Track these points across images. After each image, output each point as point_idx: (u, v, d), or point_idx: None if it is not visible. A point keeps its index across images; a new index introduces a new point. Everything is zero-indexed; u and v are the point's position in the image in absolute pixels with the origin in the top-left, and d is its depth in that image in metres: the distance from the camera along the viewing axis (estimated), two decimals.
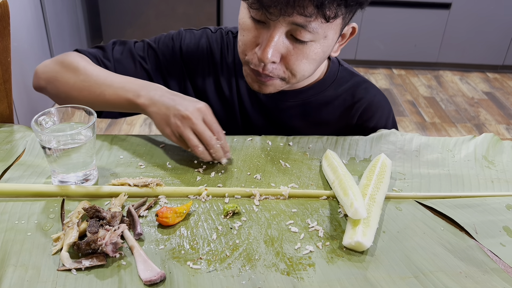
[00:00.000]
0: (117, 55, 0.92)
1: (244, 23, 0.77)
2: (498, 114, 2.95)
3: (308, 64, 0.78)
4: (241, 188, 0.72)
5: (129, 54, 0.93)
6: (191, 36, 0.96)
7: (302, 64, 0.77)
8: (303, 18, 0.70)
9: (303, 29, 0.71)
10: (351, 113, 0.95)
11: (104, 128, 2.56)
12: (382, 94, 0.98)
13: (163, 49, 0.94)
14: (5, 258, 0.56)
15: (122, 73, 0.86)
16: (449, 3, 3.22)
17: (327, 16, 0.70)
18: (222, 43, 0.96)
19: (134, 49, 0.93)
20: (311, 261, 0.59)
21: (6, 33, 0.84)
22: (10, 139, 0.82)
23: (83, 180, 0.70)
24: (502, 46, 3.41)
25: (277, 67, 0.77)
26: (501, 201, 0.72)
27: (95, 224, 0.59)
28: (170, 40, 0.95)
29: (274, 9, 0.70)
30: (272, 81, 0.80)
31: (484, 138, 0.87)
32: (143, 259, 0.57)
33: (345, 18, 0.75)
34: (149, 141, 0.84)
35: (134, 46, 0.94)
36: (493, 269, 0.59)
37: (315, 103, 0.95)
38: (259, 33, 0.76)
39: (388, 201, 0.71)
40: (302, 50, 0.75)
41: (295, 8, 0.69)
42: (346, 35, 0.82)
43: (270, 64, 0.76)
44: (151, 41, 0.95)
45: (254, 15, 0.74)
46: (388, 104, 0.98)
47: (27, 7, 2.36)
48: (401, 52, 3.45)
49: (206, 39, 0.96)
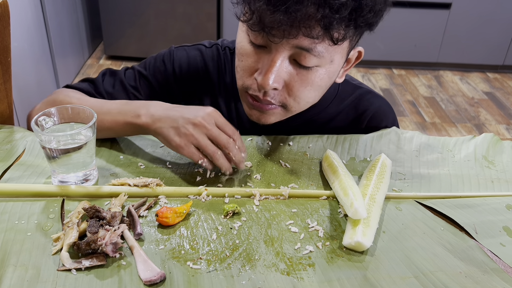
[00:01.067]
0: (109, 88, 0.89)
1: (242, 48, 0.72)
2: (498, 114, 2.95)
3: (312, 91, 0.73)
4: (241, 188, 0.72)
5: (120, 86, 0.89)
6: (184, 55, 0.91)
7: (306, 91, 0.72)
8: (308, 40, 0.65)
9: (308, 53, 0.66)
10: (357, 127, 0.92)
11: None
12: (386, 103, 0.95)
13: (155, 74, 0.90)
14: (5, 258, 0.56)
15: None
16: (449, 3, 3.22)
17: (335, 38, 0.65)
18: (219, 61, 0.91)
19: (125, 79, 0.90)
20: (311, 261, 0.59)
21: (6, 33, 0.84)
22: (10, 139, 0.82)
23: (83, 180, 0.70)
24: (502, 46, 3.41)
25: (279, 94, 0.72)
26: (501, 201, 0.72)
27: (95, 224, 0.59)
28: (161, 63, 0.91)
29: (277, 31, 0.64)
30: (273, 110, 0.75)
31: (484, 138, 0.87)
32: (143, 259, 0.57)
33: (352, 41, 0.71)
34: (149, 141, 0.84)
35: (125, 76, 0.90)
36: (493, 269, 0.59)
37: (319, 122, 0.91)
38: (259, 58, 0.70)
39: (388, 201, 0.71)
40: (306, 76, 0.70)
41: (300, 29, 0.63)
42: (351, 60, 0.78)
43: (272, 91, 0.72)
44: (141, 67, 0.91)
45: (254, 40, 0.69)
46: (393, 112, 0.95)
47: (27, 7, 2.36)
48: (401, 52, 3.44)
49: (200, 56, 0.91)
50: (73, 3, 3.05)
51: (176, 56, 0.91)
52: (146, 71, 0.91)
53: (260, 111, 0.76)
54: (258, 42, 0.69)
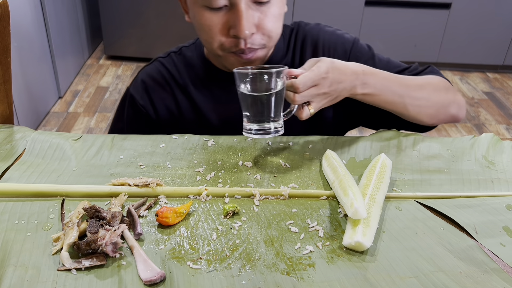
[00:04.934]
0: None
1: (206, 20, 0.80)
2: (498, 114, 2.95)
3: (278, 21, 0.83)
4: (241, 188, 0.72)
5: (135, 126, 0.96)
6: (143, 84, 0.95)
7: (274, 23, 0.81)
8: None
9: None
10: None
11: (104, 128, 2.57)
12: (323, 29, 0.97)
13: (137, 124, 0.95)
14: (5, 258, 0.56)
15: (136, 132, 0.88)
16: (449, 3, 3.22)
17: None
18: (179, 65, 0.96)
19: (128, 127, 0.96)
20: (311, 261, 0.59)
21: (6, 33, 0.84)
22: (10, 139, 0.82)
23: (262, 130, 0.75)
24: (502, 46, 3.41)
25: (256, 37, 0.81)
26: (501, 201, 0.72)
27: (95, 224, 0.59)
28: (136, 113, 0.95)
29: None
30: (256, 54, 0.83)
31: (484, 138, 0.87)
32: (143, 259, 0.57)
33: None
34: (149, 141, 0.84)
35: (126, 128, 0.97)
36: (493, 269, 0.59)
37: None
38: (226, 18, 0.79)
39: (388, 201, 0.71)
40: (269, 11, 0.80)
41: None
42: None
43: (250, 37, 0.80)
44: (122, 127, 0.96)
45: (216, 4, 0.77)
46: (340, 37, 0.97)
47: (27, 7, 2.36)
48: (401, 52, 3.44)
49: (163, 68, 0.95)
50: (73, 3, 3.05)
51: (138, 95, 0.95)
52: (128, 126, 0.96)
53: (248, 61, 0.84)
54: (220, 4, 0.78)
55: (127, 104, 0.96)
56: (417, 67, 0.98)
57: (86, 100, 2.84)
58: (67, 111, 2.71)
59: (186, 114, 0.95)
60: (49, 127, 2.54)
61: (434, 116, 0.89)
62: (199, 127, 0.91)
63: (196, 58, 0.96)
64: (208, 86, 0.95)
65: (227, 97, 0.93)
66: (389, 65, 0.95)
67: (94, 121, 2.63)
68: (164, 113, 0.95)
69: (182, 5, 0.89)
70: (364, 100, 0.82)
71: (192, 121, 0.95)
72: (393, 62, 0.97)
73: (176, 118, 0.95)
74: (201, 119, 0.95)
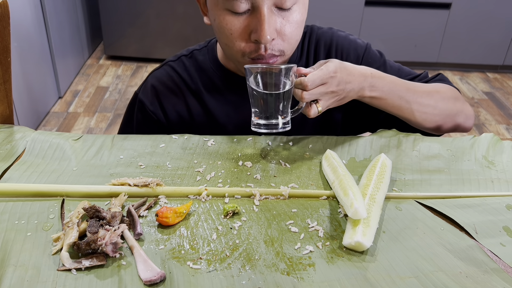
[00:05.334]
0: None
1: (228, 23, 0.78)
2: (498, 114, 2.95)
3: (299, 28, 0.81)
4: (241, 188, 0.72)
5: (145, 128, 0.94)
6: (153, 89, 0.93)
7: (295, 30, 0.80)
8: None
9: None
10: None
11: (104, 128, 2.57)
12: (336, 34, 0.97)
13: (147, 130, 0.93)
14: (5, 258, 0.56)
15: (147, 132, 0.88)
16: (449, 3, 3.22)
17: None
18: (191, 69, 0.94)
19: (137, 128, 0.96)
20: (311, 261, 0.59)
21: (6, 33, 0.84)
22: (10, 139, 0.82)
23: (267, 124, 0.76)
24: (502, 46, 3.41)
25: (276, 43, 0.79)
26: (501, 201, 0.72)
27: (95, 224, 0.59)
28: (146, 119, 0.94)
29: None
30: (275, 61, 0.81)
31: (484, 138, 0.87)
32: (143, 259, 0.57)
33: None
34: (149, 141, 0.84)
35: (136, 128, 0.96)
36: (493, 269, 0.59)
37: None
38: (247, 23, 0.77)
39: (388, 201, 0.71)
40: (291, 17, 0.78)
41: None
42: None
43: (271, 43, 0.78)
44: (131, 133, 0.94)
45: (238, 9, 0.76)
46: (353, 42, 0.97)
47: (27, 7, 2.36)
48: (401, 52, 3.44)
49: (173, 72, 0.94)
50: (73, 3, 3.05)
51: (146, 101, 0.94)
52: (137, 131, 0.95)
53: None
54: (243, 9, 0.76)
55: (136, 110, 0.95)
56: (427, 75, 0.98)
57: (86, 100, 2.84)
58: (67, 111, 2.71)
59: (198, 119, 0.94)
60: (49, 127, 2.54)
61: (441, 124, 0.89)
62: (211, 133, 0.89)
63: (209, 62, 0.94)
64: (222, 91, 0.93)
65: (242, 102, 0.91)
66: (400, 72, 0.95)
67: (94, 121, 2.63)
68: (175, 118, 0.94)
69: (201, 7, 0.87)
70: (372, 103, 0.83)
71: (205, 127, 0.94)
72: (404, 69, 0.97)
73: (188, 123, 0.94)
74: (214, 124, 0.94)
